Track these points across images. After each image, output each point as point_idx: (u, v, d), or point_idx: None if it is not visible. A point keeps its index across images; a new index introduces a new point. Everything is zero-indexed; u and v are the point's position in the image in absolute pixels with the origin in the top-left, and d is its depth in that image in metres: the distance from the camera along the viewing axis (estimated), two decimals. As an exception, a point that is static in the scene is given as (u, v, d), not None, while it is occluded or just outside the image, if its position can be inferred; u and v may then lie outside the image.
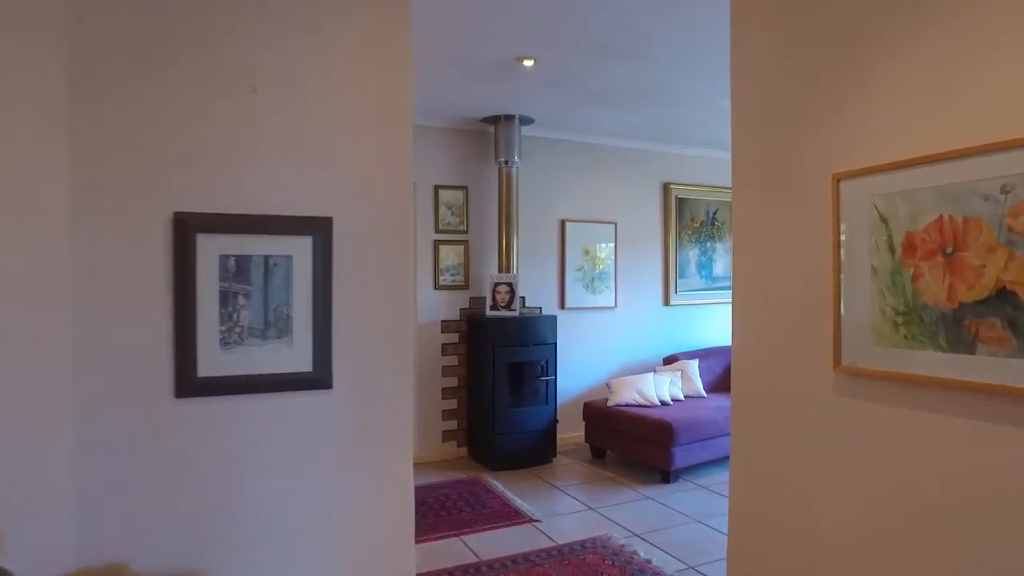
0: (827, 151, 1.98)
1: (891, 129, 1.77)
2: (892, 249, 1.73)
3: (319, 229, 1.96)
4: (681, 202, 6.40)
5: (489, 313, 5.18)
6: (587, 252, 5.89)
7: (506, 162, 5.21)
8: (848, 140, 1.90)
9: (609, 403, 5.22)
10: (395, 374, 2.12)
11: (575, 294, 5.83)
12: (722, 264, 6.68)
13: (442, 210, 5.31)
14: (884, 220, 1.75)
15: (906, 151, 1.71)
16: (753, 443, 2.36)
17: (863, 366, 1.82)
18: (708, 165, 6.55)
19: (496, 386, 5.02)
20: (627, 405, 5.16)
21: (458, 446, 5.44)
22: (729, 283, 6.40)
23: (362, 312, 2.07)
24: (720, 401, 5.42)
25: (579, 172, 5.85)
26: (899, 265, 1.71)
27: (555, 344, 5.25)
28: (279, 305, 1.85)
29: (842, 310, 1.88)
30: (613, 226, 6.02)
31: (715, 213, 6.62)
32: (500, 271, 5.28)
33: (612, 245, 6.01)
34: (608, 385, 5.39)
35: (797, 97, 2.09)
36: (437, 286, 5.30)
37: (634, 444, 4.93)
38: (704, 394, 5.63)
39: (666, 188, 6.30)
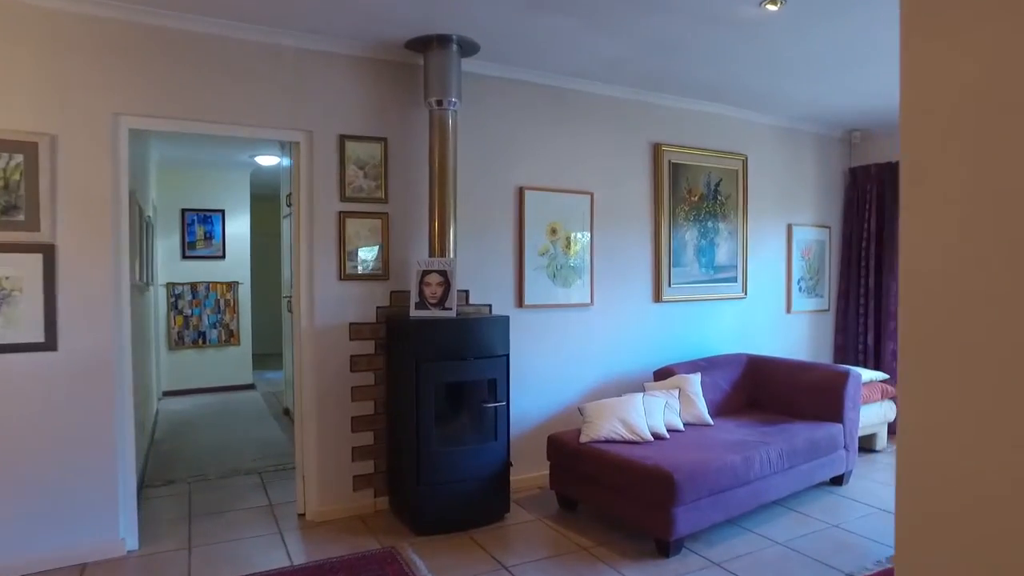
0: None
1: None
2: None
3: None
4: (676, 169, 4.96)
5: (414, 314, 3.70)
6: (554, 231, 4.43)
7: (439, 103, 3.73)
8: None
9: (583, 438, 3.76)
10: None
11: (537, 287, 4.37)
12: (726, 250, 5.26)
13: (350, 170, 3.81)
14: None
15: None
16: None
17: None
18: (709, 123, 5.13)
19: (422, 416, 3.53)
20: (608, 441, 3.71)
21: (376, 496, 3.95)
22: (735, 274, 4.92)
23: None
24: (731, 431, 4.00)
25: (544, 125, 4.39)
26: None
27: (508, 356, 3.77)
28: None
29: None
30: (588, 198, 4.56)
31: (718, 184, 5.20)
32: (432, 255, 3.80)
33: (587, 223, 4.56)
34: (581, 411, 3.94)
35: None
36: (343, 275, 3.80)
37: (618, 498, 3.48)
38: (710, 421, 4.20)
39: (657, 150, 4.86)
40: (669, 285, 4.96)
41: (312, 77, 3.69)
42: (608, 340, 4.68)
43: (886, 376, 5.30)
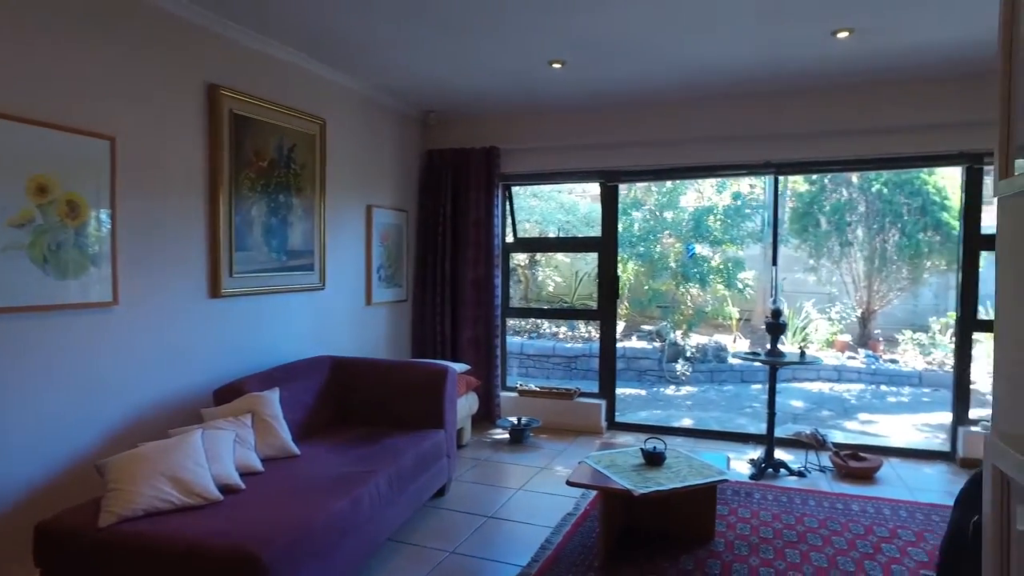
0: None
1: None
2: None
3: None
4: (241, 123, 3.79)
5: None
6: (43, 191, 2.81)
7: None
8: None
9: (106, 518, 2.36)
10: None
11: (14, 280, 2.69)
12: (301, 231, 4.33)
13: None
14: None
15: None
16: None
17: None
18: (284, 72, 4.11)
19: None
20: (151, 515, 2.41)
21: None
22: (312, 261, 3.17)
23: None
24: (326, 461, 3.13)
25: (27, 20, 2.72)
26: None
27: (-53, 403, 2.12)
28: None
29: None
30: (107, 144, 3.05)
31: (292, 150, 4.22)
32: None
33: (106, 181, 3.05)
34: (101, 470, 2.52)
35: None
36: None
37: (170, 604, 2.25)
38: (296, 450, 3.24)
39: (215, 94, 3.61)
40: (231, 275, 3.77)
41: None
42: (145, 354, 3.26)
43: (467, 367, 5.15)
